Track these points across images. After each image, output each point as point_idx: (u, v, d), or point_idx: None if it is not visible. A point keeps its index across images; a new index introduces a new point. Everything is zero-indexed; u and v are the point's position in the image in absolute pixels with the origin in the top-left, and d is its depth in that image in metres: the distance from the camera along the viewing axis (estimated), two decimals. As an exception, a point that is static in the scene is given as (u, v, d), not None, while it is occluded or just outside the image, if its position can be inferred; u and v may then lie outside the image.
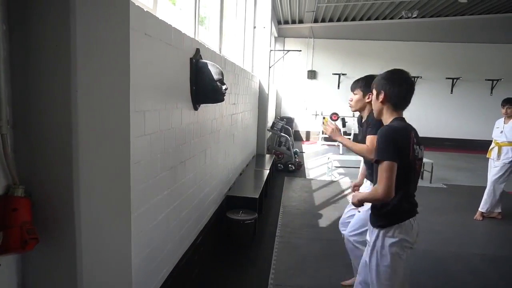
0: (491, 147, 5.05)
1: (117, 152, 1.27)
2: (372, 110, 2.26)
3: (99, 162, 1.15)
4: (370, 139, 2.37)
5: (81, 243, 1.07)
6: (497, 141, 4.89)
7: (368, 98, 2.48)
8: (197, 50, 2.76)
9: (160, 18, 2.07)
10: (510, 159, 4.76)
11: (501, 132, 4.83)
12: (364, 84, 2.52)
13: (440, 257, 3.74)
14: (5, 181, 0.99)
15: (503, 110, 4.79)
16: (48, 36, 0.99)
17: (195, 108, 2.81)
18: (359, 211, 2.59)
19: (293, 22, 12.29)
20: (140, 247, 1.92)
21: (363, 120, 2.69)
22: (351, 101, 2.66)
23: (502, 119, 4.89)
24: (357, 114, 2.89)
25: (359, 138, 2.69)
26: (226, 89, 2.77)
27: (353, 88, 2.64)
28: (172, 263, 2.51)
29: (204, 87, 2.68)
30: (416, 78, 12.32)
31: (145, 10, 1.88)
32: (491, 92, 12.27)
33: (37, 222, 1.03)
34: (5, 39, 0.97)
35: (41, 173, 1.04)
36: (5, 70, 0.96)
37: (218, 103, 3.36)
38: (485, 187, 5.09)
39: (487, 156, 5.13)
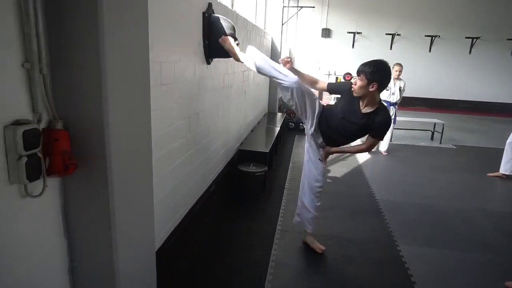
0: None
1: (139, 97, 1.42)
2: (373, 101, 2.50)
3: (125, 104, 1.30)
4: (372, 142, 2.63)
5: (112, 172, 1.24)
6: None
7: (372, 88, 2.39)
8: (209, 5, 2.81)
9: (174, -29, 2.13)
10: None
11: None
12: (371, 72, 2.37)
13: (441, 210, 3.93)
14: (47, 116, 1.15)
15: None
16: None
17: (208, 62, 2.91)
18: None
19: (308, -24, 11.86)
20: (160, 187, 2.12)
21: (362, 107, 2.53)
22: (355, 85, 2.48)
23: None
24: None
25: (344, 108, 2.61)
26: (238, 44, 2.84)
27: (359, 72, 2.46)
28: (187, 206, 2.73)
29: (217, 41, 2.76)
30: (433, 38, 11.97)
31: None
32: (512, 53, 11.88)
33: (74, 152, 1.21)
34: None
35: (77, 110, 1.19)
36: (42, 21, 1.09)
37: (230, 58, 3.45)
38: (495, 148, 5.08)
39: None
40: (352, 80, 2.53)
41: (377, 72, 2.36)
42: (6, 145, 1.00)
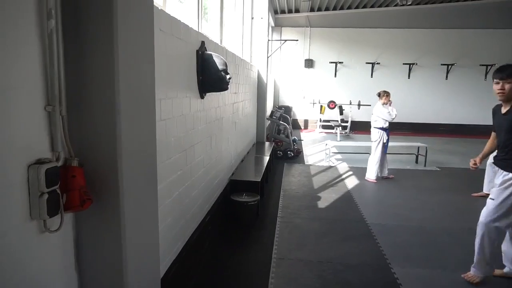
0: None
1: (147, 135, 1.52)
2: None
3: (134, 142, 1.39)
4: None
5: (124, 206, 1.31)
6: None
7: None
8: (202, 43, 2.97)
9: (171, 15, 2.28)
10: None
11: None
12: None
13: (431, 231, 4.03)
14: (64, 154, 1.23)
15: None
16: (96, 40, 1.22)
17: (202, 97, 3.04)
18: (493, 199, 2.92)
19: (290, 11, 12.42)
20: (162, 217, 2.17)
21: (506, 110, 2.81)
22: (504, 90, 2.67)
23: None
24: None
25: (499, 129, 2.92)
26: (230, 78, 2.99)
27: (506, 77, 2.64)
28: (185, 237, 2.76)
29: (210, 77, 2.90)
30: (411, 65, 12.54)
31: (159, 8, 2.09)
32: (485, 77, 12.48)
33: (89, 187, 1.28)
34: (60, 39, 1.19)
35: (91, 149, 1.27)
36: (63, 68, 1.19)
37: (221, 92, 3.60)
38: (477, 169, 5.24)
39: None
40: (497, 88, 2.72)
41: None
42: (29, 183, 1.07)
